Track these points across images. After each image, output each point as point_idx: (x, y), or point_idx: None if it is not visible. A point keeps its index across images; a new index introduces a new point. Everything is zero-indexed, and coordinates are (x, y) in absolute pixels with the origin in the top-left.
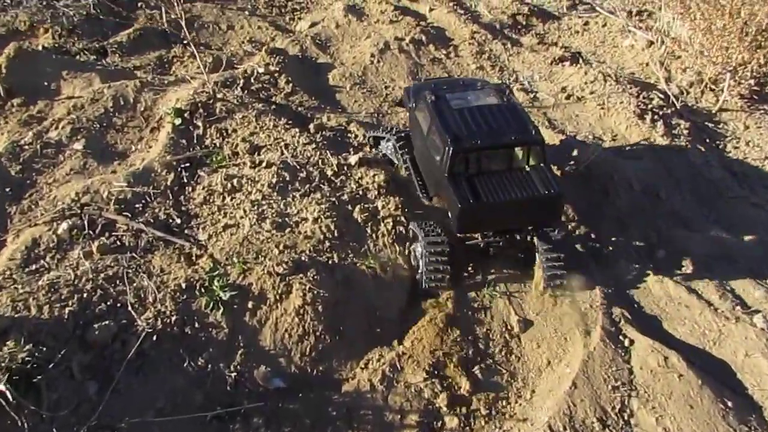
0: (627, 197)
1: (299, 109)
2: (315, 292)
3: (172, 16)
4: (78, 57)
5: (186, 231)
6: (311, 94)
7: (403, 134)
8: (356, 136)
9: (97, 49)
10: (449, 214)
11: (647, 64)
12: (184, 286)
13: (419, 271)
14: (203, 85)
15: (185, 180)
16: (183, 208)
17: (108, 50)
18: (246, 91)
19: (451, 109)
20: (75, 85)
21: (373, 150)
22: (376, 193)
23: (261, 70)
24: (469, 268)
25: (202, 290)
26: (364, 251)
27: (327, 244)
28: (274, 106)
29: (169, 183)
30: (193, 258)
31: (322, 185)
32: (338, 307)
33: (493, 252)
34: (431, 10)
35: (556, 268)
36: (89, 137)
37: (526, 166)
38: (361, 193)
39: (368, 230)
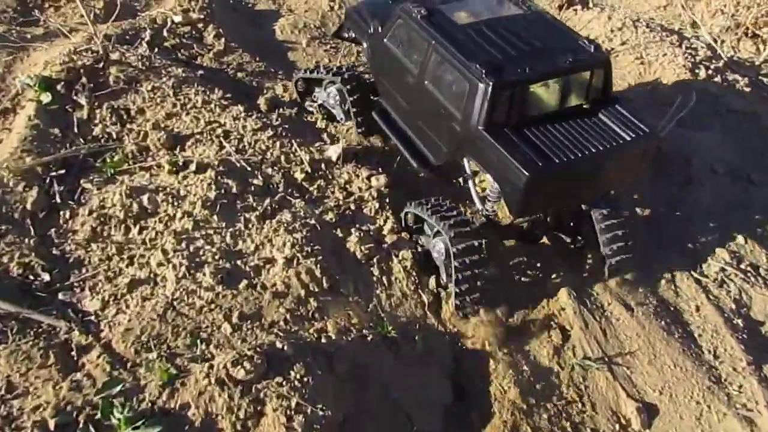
0: (712, 185)
1: (239, 75)
2: (305, 409)
3: None
4: None
5: (60, 296)
6: (253, 54)
7: (355, 75)
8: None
9: None
10: (491, 190)
11: (665, 7)
12: (52, 426)
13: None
14: (89, 41)
15: (58, 199)
16: (54, 251)
17: None
18: (156, 49)
19: (459, 26)
20: None
21: (303, 101)
22: (376, 206)
23: (177, 18)
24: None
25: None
26: (373, 311)
27: (312, 305)
28: (201, 72)
29: (28, 205)
30: (74, 354)
31: (290, 197)
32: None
33: (538, 237)
34: None
35: (623, 249)
36: None
37: (585, 102)
38: (352, 207)
39: (374, 271)
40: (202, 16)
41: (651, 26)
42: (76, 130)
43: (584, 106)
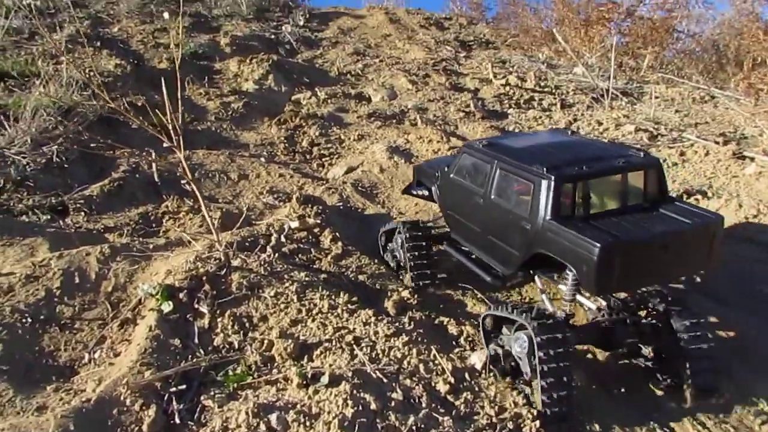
0: None
1: (360, 278)
2: None
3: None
4: (23, 218)
5: None
6: (371, 256)
7: (418, 225)
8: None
9: (54, 205)
10: (567, 273)
11: None
12: None
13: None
14: (210, 249)
15: (177, 419)
16: None
17: (69, 207)
18: (276, 254)
19: (520, 149)
20: (7, 257)
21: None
22: (537, 426)
23: (294, 224)
24: None
25: None
26: None
27: None
28: (323, 275)
29: (145, 427)
30: None
31: (436, 414)
32: None
33: (617, 342)
34: None
35: (709, 370)
36: (10, 343)
37: (646, 202)
38: (510, 426)
39: None
40: (318, 221)
41: None
42: (196, 340)
43: (644, 205)
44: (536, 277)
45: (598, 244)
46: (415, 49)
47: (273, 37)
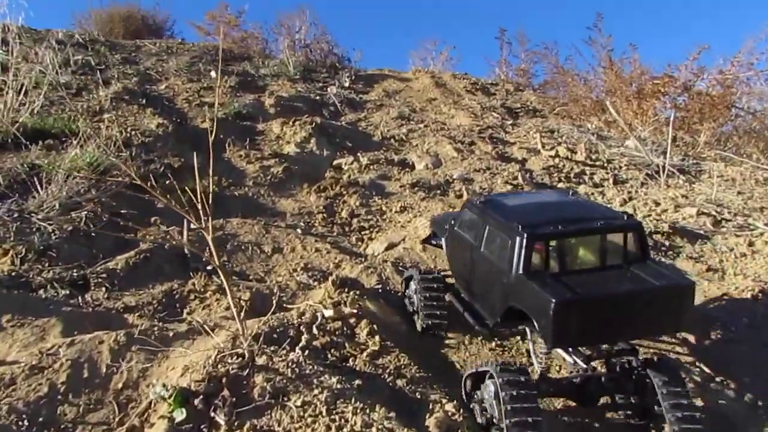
0: None
1: (398, 383)
2: None
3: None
4: (41, 292)
5: None
6: (412, 355)
7: (433, 273)
8: None
9: (75, 279)
10: (534, 326)
11: None
12: None
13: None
14: (234, 341)
15: None
16: None
17: (90, 281)
18: (306, 351)
19: (509, 206)
20: (15, 340)
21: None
22: None
23: (328, 313)
24: None
25: None
26: None
27: None
28: (357, 381)
29: None
30: None
31: None
32: None
33: (591, 396)
34: None
35: (689, 420)
36: None
37: (625, 263)
38: None
39: None
40: (354, 311)
41: None
42: None
43: (623, 265)
44: (528, 330)
45: (553, 300)
46: (461, 115)
47: (318, 98)
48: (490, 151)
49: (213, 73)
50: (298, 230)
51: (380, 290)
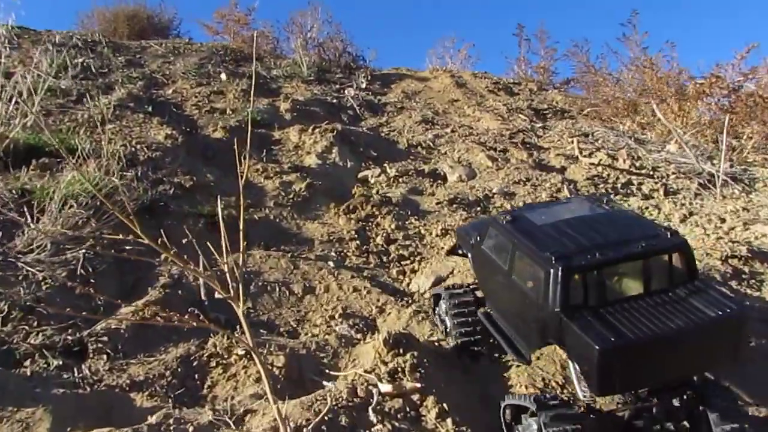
0: None
1: None
2: None
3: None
4: (27, 364)
5: None
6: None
7: (458, 289)
8: None
9: (69, 345)
10: (574, 370)
11: None
12: None
13: None
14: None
15: None
16: None
17: (88, 347)
18: None
19: (539, 228)
20: None
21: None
22: None
23: (385, 388)
24: None
25: None
26: None
27: None
28: None
29: None
30: None
31: None
32: None
33: (645, 429)
34: None
35: None
36: None
37: (671, 286)
38: None
39: None
40: (416, 385)
41: None
42: None
43: (669, 290)
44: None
45: (596, 348)
46: (487, 117)
47: (335, 101)
48: (525, 158)
49: (223, 76)
50: (330, 263)
51: (437, 344)
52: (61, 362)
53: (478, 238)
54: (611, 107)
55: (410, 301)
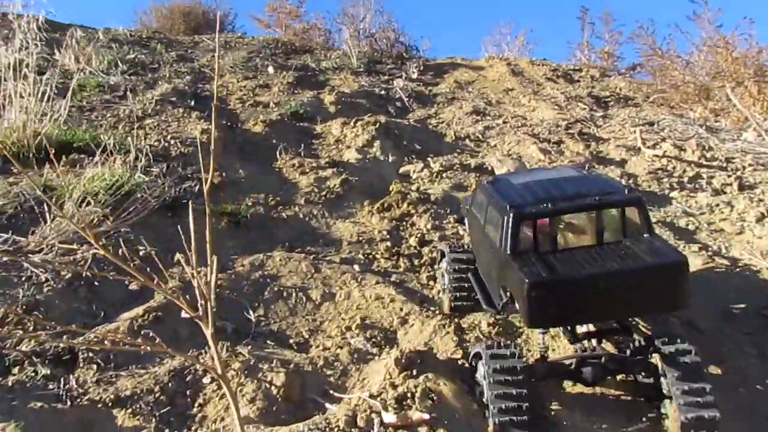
0: None
1: None
2: None
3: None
4: (15, 372)
5: None
6: None
7: (459, 249)
8: None
9: (60, 353)
10: (517, 305)
11: None
12: None
13: None
14: None
15: None
16: None
17: (79, 355)
18: None
19: (513, 185)
20: None
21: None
22: None
23: (390, 418)
24: None
25: None
26: None
27: None
28: None
29: None
30: None
31: None
32: None
33: (592, 378)
34: None
35: (700, 405)
36: None
37: (624, 239)
38: None
39: None
40: (424, 416)
41: None
42: None
43: (622, 241)
44: None
45: (527, 280)
46: (543, 107)
47: (383, 92)
48: (582, 150)
49: (270, 69)
50: (356, 267)
51: (460, 361)
52: (49, 371)
53: (471, 202)
54: (680, 93)
55: (436, 311)
